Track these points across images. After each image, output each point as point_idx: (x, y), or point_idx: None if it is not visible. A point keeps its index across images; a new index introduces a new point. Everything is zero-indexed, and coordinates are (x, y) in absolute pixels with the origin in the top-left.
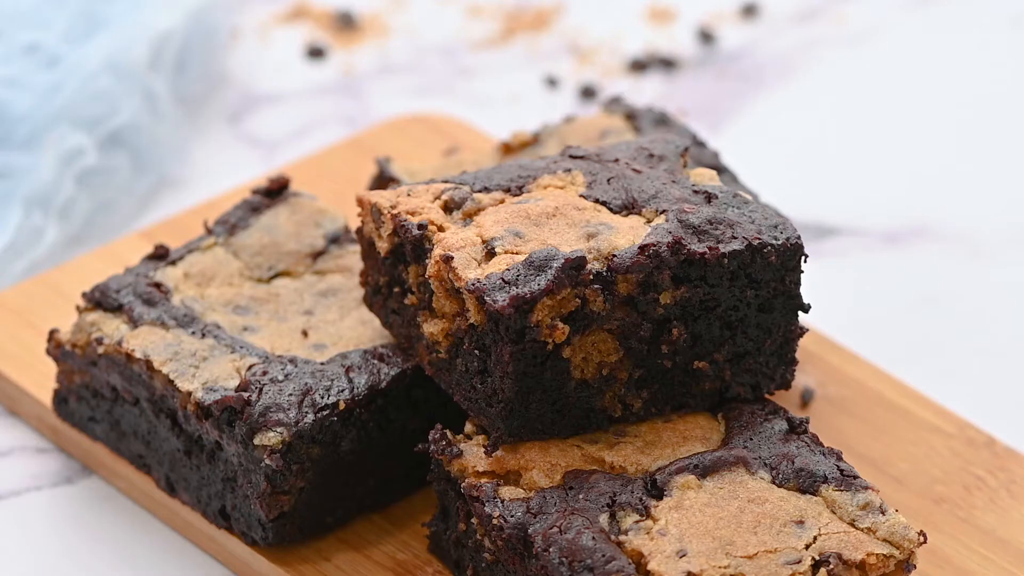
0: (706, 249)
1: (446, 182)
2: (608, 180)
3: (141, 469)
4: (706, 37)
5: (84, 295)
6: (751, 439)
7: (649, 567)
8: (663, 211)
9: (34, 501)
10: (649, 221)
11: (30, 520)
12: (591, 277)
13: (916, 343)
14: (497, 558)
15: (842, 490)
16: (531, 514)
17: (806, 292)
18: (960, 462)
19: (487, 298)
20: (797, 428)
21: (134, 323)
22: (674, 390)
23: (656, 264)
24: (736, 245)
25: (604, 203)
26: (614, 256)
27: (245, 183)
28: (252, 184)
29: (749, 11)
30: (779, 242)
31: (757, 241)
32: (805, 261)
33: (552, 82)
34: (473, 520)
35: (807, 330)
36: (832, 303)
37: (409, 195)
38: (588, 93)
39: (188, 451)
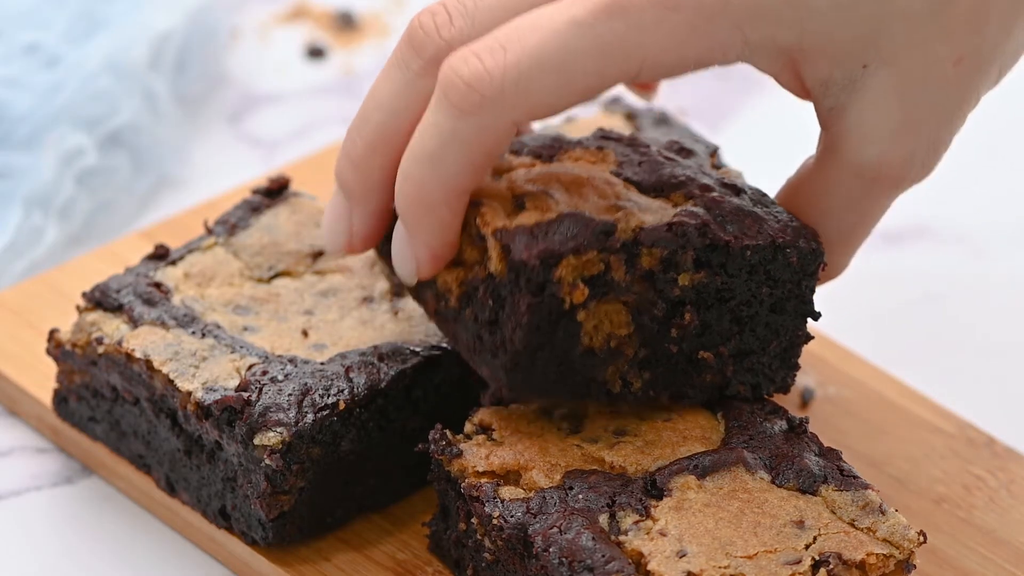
0: (732, 237)
1: None
2: (639, 163)
3: (141, 469)
4: None
5: (84, 295)
6: (751, 439)
7: (649, 567)
8: (692, 197)
9: (34, 501)
10: (676, 205)
11: (30, 520)
12: (619, 245)
13: (916, 343)
14: (497, 558)
15: (842, 490)
16: (531, 514)
17: None
18: (960, 462)
19: (513, 247)
20: (797, 428)
21: (134, 323)
22: (675, 376)
23: (682, 242)
24: (761, 240)
25: (634, 182)
26: (642, 229)
27: (245, 183)
28: (252, 184)
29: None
30: (802, 245)
31: (781, 240)
32: (823, 269)
33: None
34: (473, 520)
35: (812, 337)
36: (832, 303)
37: None
38: None
39: (188, 451)
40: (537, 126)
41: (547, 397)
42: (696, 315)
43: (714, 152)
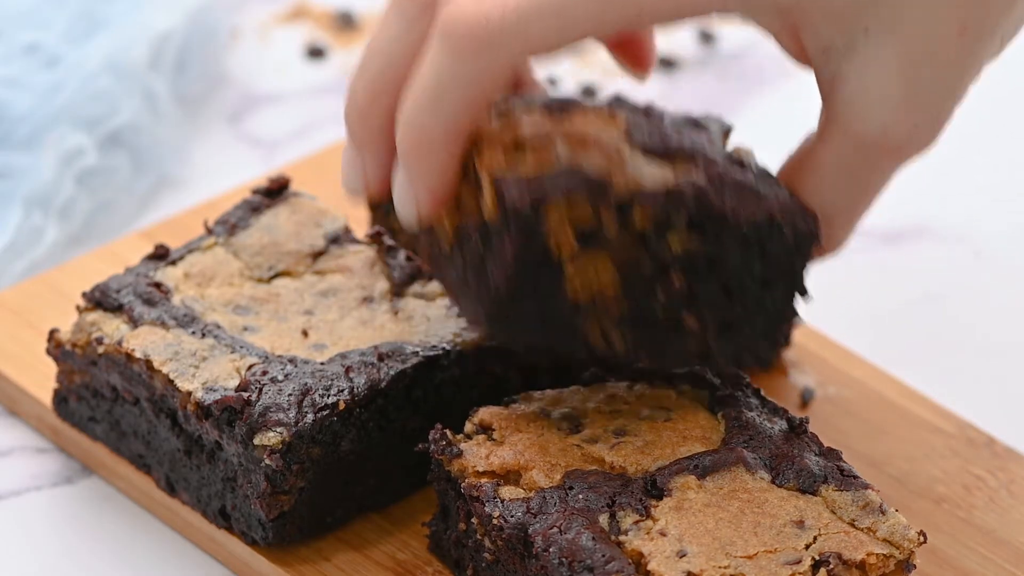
0: (729, 208)
1: None
2: (649, 131)
3: (141, 469)
4: (706, 37)
5: (84, 295)
6: (751, 439)
7: (649, 567)
8: (696, 166)
9: (34, 501)
10: (679, 173)
11: (30, 520)
12: (613, 201)
13: (916, 343)
14: (497, 558)
15: (842, 490)
16: (531, 514)
17: None
18: (960, 462)
19: (507, 192)
20: (797, 428)
21: (134, 323)
22: (658, 340)
23: (676, 206)
24: (758, 215)
25: (640, 147)
26: (639, 190)
27: (245, 183)
28: (252, 184)
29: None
30: (799, 224)
31: (778, 217)
32: (818, 248)
33: (552, 82)
34: (473, 520)
35: (799, 315)
36: (832, 303)
37: None
38: (588, 93)
39: (188, 451)
40: None
41: (527, 344)
42: (684, 281)
43: (727, 131)
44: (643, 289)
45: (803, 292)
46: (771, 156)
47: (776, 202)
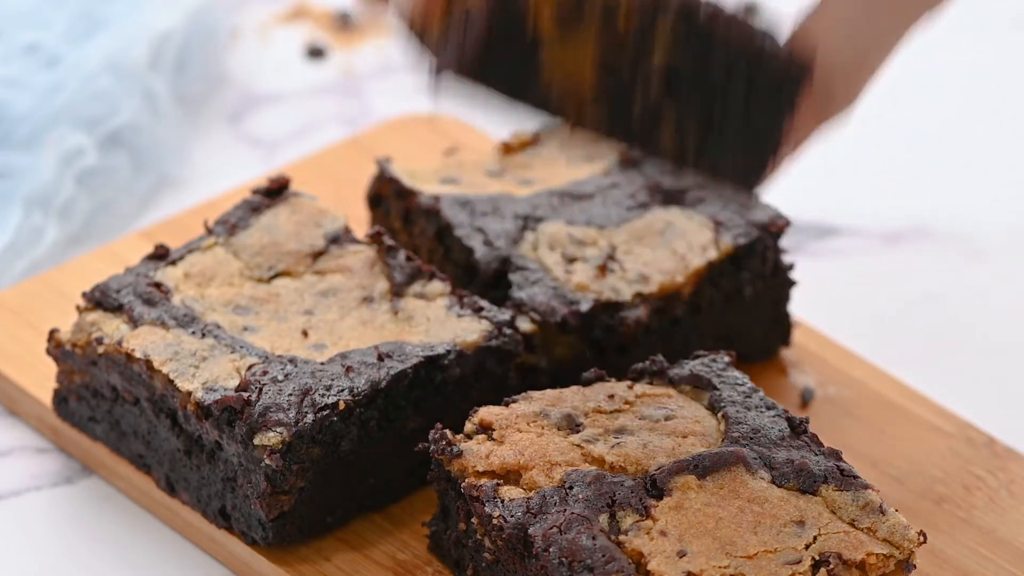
0: (719, 31)
1: None
2: None
3: (141, 469)
4: None
5: (84, 295)
6: (751, 439)
7: (649, 567)
8: None
9: (34, 501)
10: None
11: (30, 520)
12: None
13: (916, 343)
14: (497, 558)
15: (842, 490)
16: (531, 514)
17: (806, 291)
18: (960, 462)
19: None
20: (797, 428)
21: (134, 323)
22: (632, 123)
23: (663, 10)
24: (748, 46)
25: None
26: None
27: (245, 183)
28: (252, 184)
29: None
30: (789, 67)
31: (768, 53)
32: (808, 87)
33: None
34: (473, 520)
35: (782, 145)
36: (832, 303)
37: None
38: None
39: (188, 451)
40: (539, 123)
41: (490, 86)
42: (664, 90)
43: None
44: (620, 91)
45: (791, 107)
46: None
47: (768, 42)
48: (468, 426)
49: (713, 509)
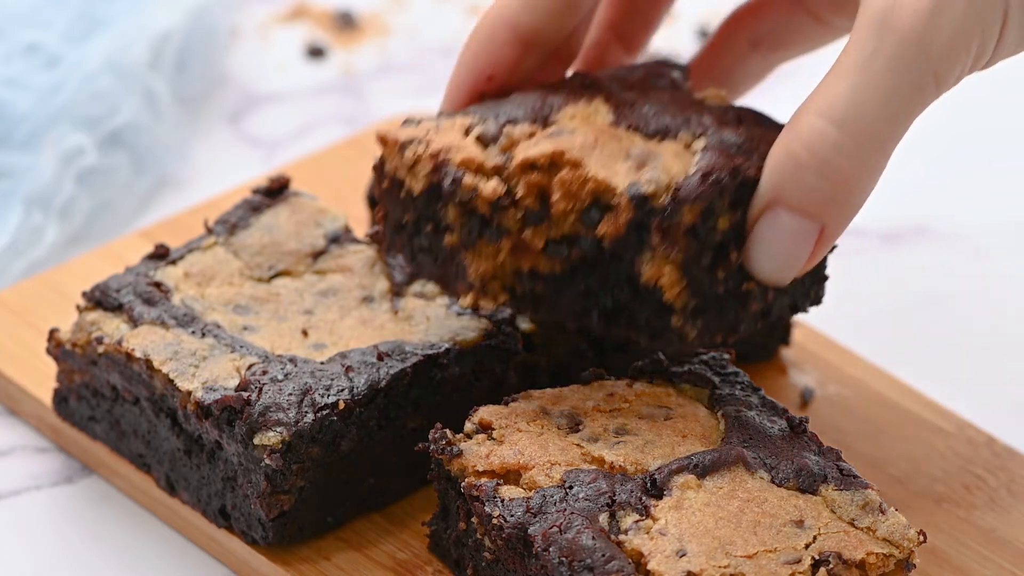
0: (756, 169)
1: (465, 115)
2: (631, 105)
3: (141, 469)
4: (706, 36)
5: (84, 295)
6: (751, 439)
7: (649, 567)
8: (700, 135)
9: (34, 501)
10: (688, 146)
11: (30, 520)
12: (660, 210)
13: (916, 343)
14: (497, 557)
15: (842, 490)
16: (531, 514)
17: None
18: (960, 462)
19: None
20: (797, 428)
21: (134, 322)
22: (725, 315)
23: (719, 190)
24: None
25: (636, 129)
26: (678, 189)
27: (245, 183)
28: (252, 184)
29: None
30: None
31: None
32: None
33: None
34: (473, 519)
35: (836, 245)
36: (832, 303)
37: (439, 130)
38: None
39: (188, 450)
40: None
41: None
42: (738, 252)
43: (685, 72)
44: (705, 276)
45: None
46: None
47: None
48: (468, 426)
49: (713, 508)
